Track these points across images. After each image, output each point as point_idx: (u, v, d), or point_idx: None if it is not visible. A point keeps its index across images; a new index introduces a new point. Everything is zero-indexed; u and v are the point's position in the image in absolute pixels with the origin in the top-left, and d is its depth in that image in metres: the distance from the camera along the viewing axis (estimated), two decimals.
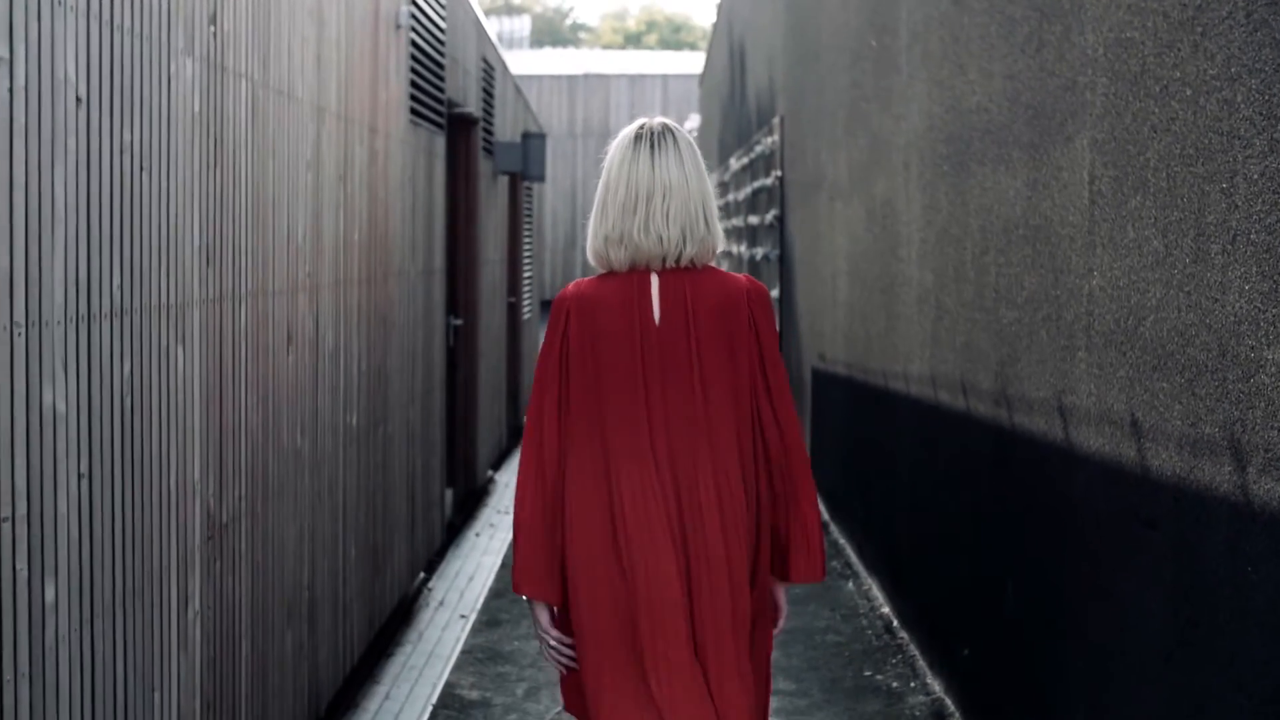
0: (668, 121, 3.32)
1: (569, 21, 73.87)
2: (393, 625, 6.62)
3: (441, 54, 7.24)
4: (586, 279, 3.29)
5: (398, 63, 6.10)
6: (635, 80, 33.19)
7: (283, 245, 4.27)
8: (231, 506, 3.80)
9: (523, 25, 41.39)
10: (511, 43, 39.76)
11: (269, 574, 4.17)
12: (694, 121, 28.43)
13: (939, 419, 6.11)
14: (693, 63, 35.79)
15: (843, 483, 8.91)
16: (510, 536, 9.17)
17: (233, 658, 3.81)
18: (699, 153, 3.36)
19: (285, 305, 4.30)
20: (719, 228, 3.29)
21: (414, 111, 6.55)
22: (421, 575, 7.57)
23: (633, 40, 66.98)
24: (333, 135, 4.91)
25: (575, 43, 67.13)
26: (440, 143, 7.37)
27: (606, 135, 32.76)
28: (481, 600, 7.39)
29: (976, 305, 5.42)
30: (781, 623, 3.42)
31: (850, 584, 7.80)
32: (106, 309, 2.91)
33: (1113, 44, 3.91)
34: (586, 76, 33.26)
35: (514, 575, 3.22)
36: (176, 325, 3.34)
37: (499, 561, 8.25)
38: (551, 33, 67.20)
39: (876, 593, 7.53)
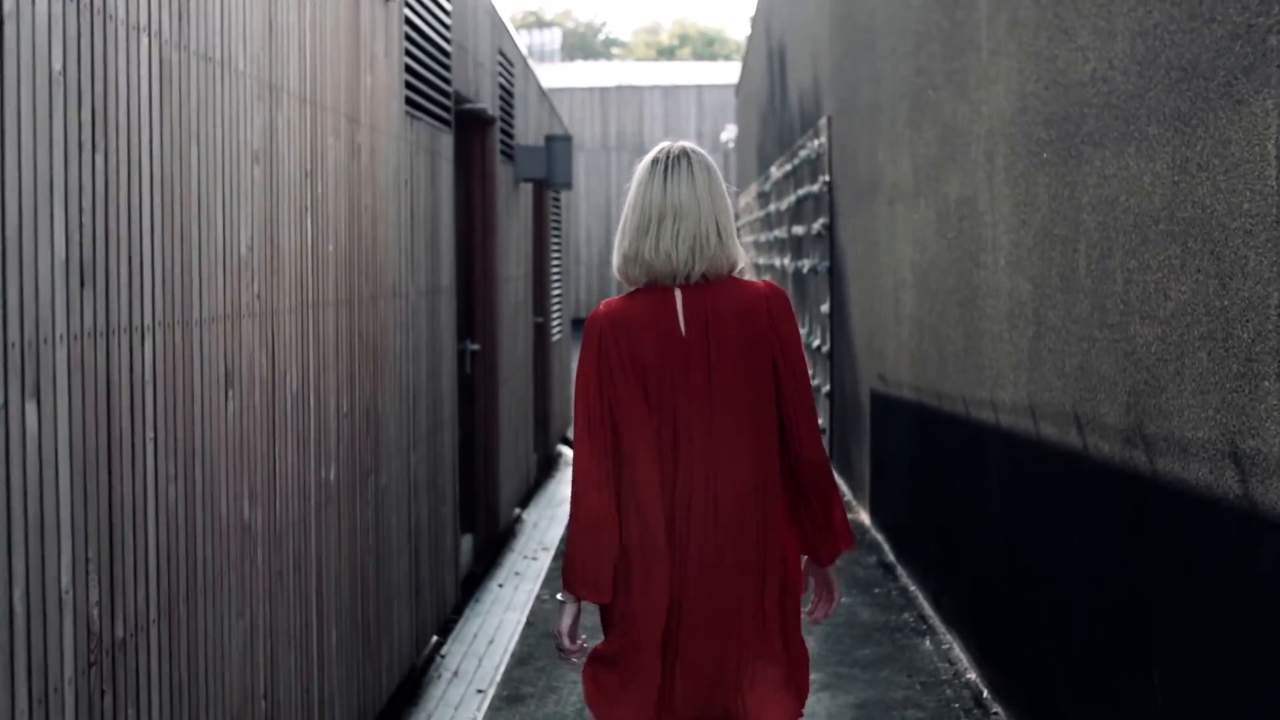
0: (687, 145, 3.58)
1: (601, 36, 73.10)
2: (396, 706, 5.62)
3: (446, 39, 6.26)
4: (615, 298, 3.52)
5: (388, 43, 5.12)
6: (669, 91, 32.53)
7: (215, 259, 3.28)
8: (132, 615, 2.82)
9: (554, 38, 40.51)
10: (543, 55, 38.90)
11: (199, 691, 3.18)
12: (730, 132, 27.51)
13: (1042, 456, 5.08)
14: (728, 72, 34.85)
15: (911, 519, 7.88)
16: (535, 588, 8.19)
17: None
18: (716, 173, 3.57)
19: (221, 337, 3.32)
20: (735, 243, 3.51)
21: (411, 103, 5.57)
22: (434, 640, 6.58)
23: (666, 54, 66.13)
24: (293, 122, 3.93)
25: (608, 57, 66.33)
26: (446, 142, 6.39)
27: (640, 148, 32.11)
28: (502, 669, 6.39)
29: (1095, 320, 4.40)
30: (836, 599, 3.69)
31: (927, 641, 6.76)
32: None
33: None
34: (619, 88, 32.51)
35: (567, 575, 3.40)
36: (21, 371, 2.36)
37: (523, 619, 7.25)
38: (584, 48, 66.42)
39: (959, 653, 6.49)
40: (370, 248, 4.84)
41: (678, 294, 3.44)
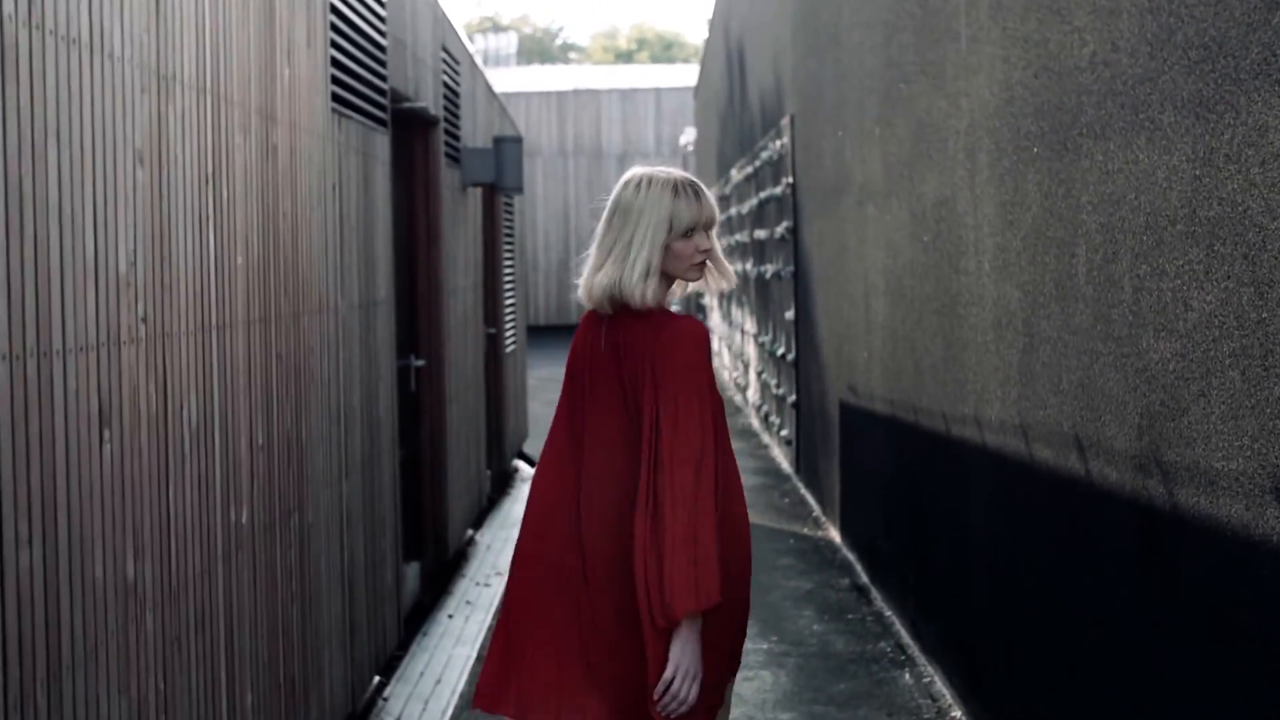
0: (630, 173, 3.45)
1: (559, 41, 72.58)
2: None
3: (381, 31, 5.76)
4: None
5: (310, 31, 4.63)
6: (627, 95, 32.18)
7: (84, 277, 2.78)
8: None
9: (509, 42, 39.99)
10: (499, 60, 38.38)
11: None
12: (689, 135, 27.09)
13: (1036, 480, 4.62)
14: (687, 75, 34.42)
15: (887, 540, 7.42)
16: (486, 618, 7.64)
17: None
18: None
19: (93, 368, 2.82)
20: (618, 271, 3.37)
21: (339, 100, 5.07)
22: (376, 681, 6.08)
23: (624, 58, 65.66)
24: (189, 118, 3.43)
25: (565, 61, 65.84)
26: (382, 143, 5.90)
27: (599, 152, 31.72)
28: (449, 714, 5.90)
29: (1098, 333, 3.94)
30: (665, 680, 3.17)
31: (907, 674, 6.30)
32: None
33: None
34: (577, 92, 32.09)
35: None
36: None
37: (474, 654, 6.75)
38: (541, 53, 65.90)
39: (942, 688, 6.03)
40: (290, 259, 4.34)
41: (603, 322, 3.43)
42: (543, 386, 19.64)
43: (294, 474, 4.35)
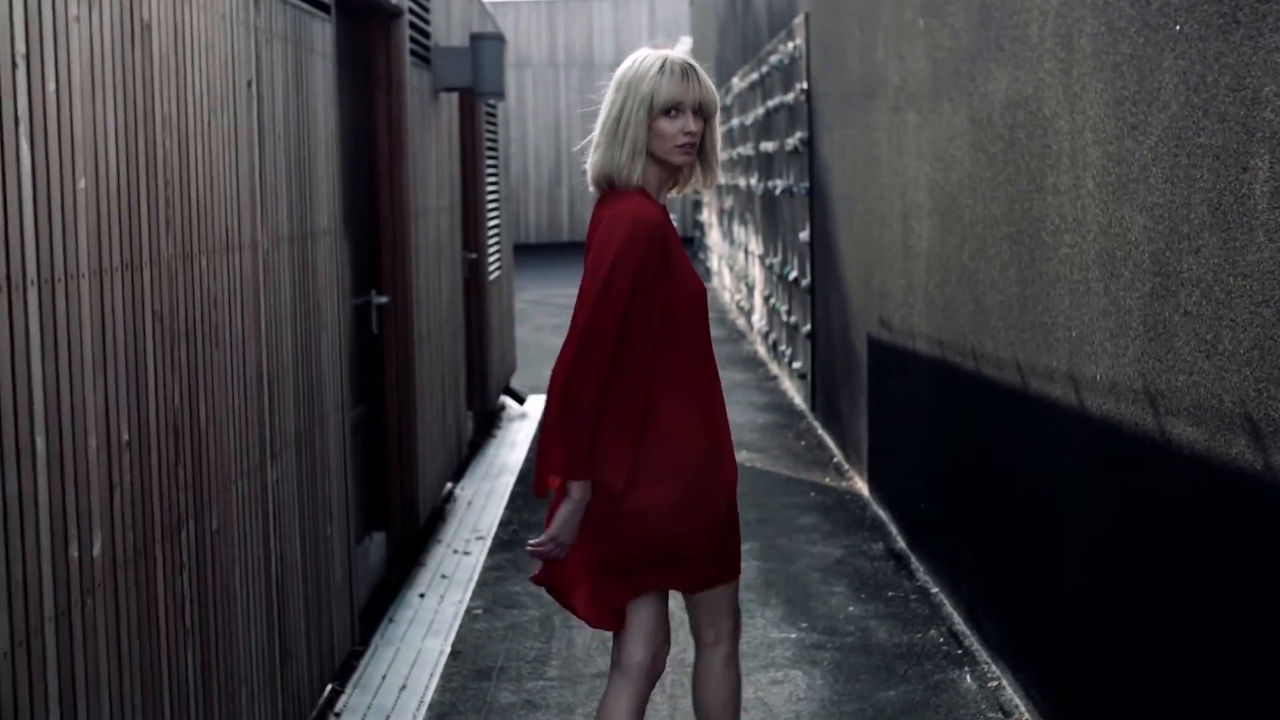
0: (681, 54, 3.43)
1: None
2: None
3: None
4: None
5: None
6: (620, 3, 30.97)
7: None
8: None
9: None
10: None
11: None
12: (685, 44, 25.77)
13: (1169, 463, 3.51)
14: None
15: (931, 503, 6.32)
16: (464, 597, 6.36)
17: None
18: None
19: None
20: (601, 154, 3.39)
21: None
22: (329, 690, 5.00)
23: None
24: None
25: None
26: (322, 33, 4.73)
27: (590, 63, 30.56)
28: None
29: None
30: (541, 539, 3.41)
31: (968, 676, 5.23)
32: None
33: None
34: (567, 1, 30.76)
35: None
36: None
37: (447, 648, 5.67)
38: None
39: (1014, 696, 4.96)
40: (177, 182, 3.20)
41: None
42: (533, 310, 18.51)
43: (186, 472, 3.23)
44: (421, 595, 6.41)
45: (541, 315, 17.90)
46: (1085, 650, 4.19)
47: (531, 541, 3.41)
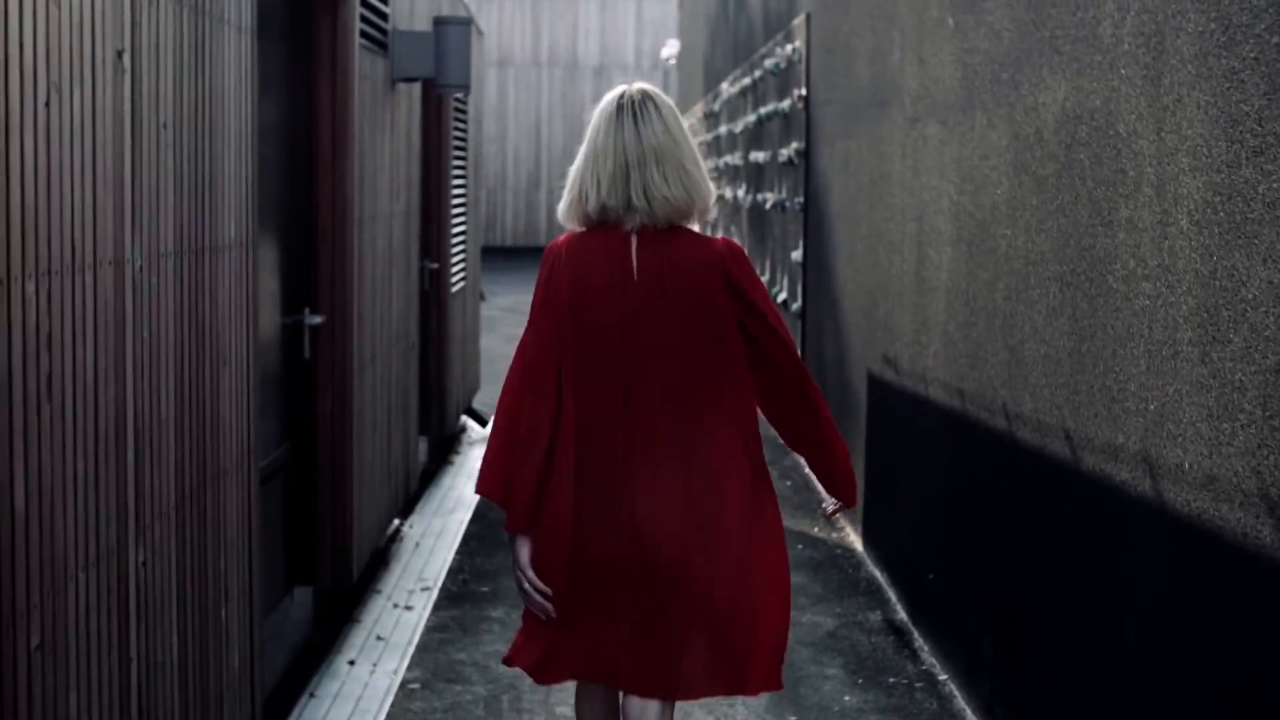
0: (646, 87, 3.42)
1: None
2: None
3: None
4: (571, 234, 3.45)
5: None
6: (606, 3, 30.13)
7: None
8: None
9: None
10: None
11: None
12: (672, 48, 24.96)
13: None
14: None
15: (941, 576, 5.48)
16: (401, 665, 5.41)
17: None
18: (678, 115, 3.42)
19: None
20: (708, 187, 3.43)
21: None
22: None
23: None
24: None
25: None
26: (239, 3, 3.87)
27: (574, 64, 29.76)
28: None
29: None
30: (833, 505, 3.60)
31: None
32: None
33: None
34: None
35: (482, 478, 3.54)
36: None
37: None
38: None
39: None
40: None
41: (634, 239, 3.38)
42: (504, 318, 17.64)
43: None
44: (351, 662, 5.54)
45: (512, 324, 17.01)
46: None
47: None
